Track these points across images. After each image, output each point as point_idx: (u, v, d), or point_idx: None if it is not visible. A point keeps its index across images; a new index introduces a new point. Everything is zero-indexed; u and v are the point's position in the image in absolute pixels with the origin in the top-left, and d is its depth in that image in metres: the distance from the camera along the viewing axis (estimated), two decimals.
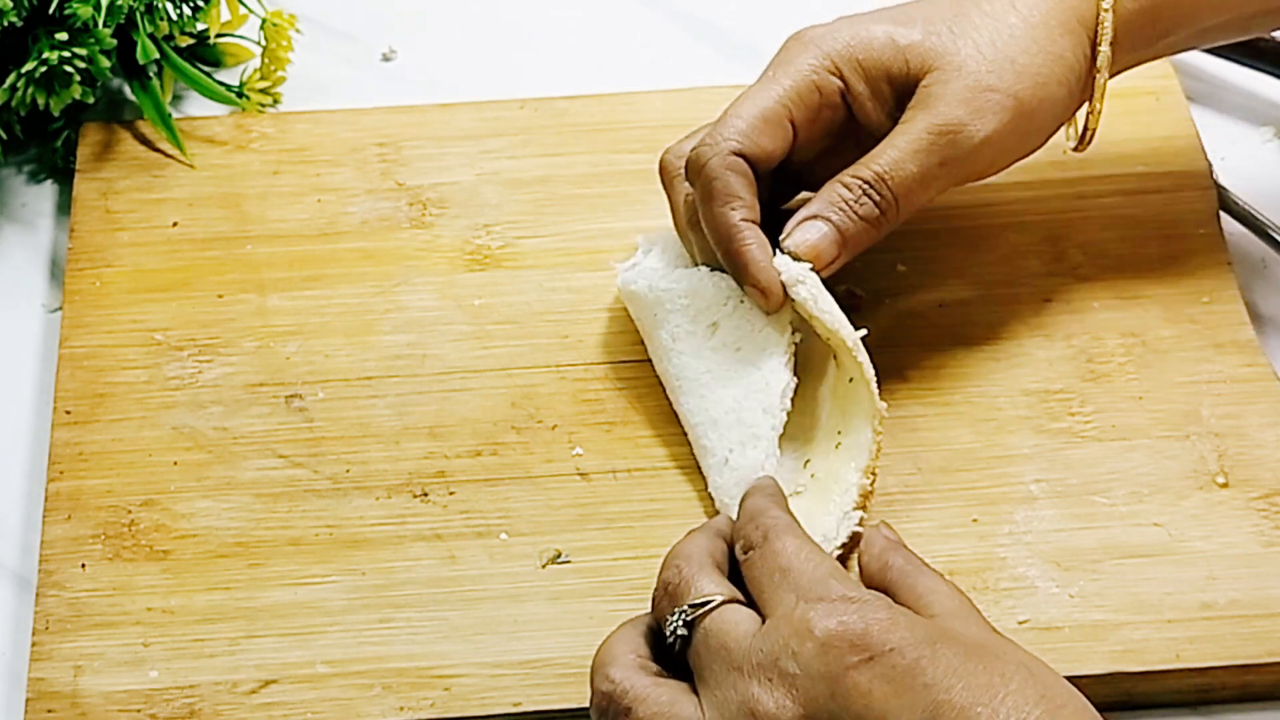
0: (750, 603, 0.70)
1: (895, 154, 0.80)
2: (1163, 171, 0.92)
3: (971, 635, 0.68)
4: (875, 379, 0.78)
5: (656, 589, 0.72)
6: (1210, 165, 0.92)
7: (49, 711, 0.76)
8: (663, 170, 0.84)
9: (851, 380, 0.79)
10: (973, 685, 0.65)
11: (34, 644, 0.77)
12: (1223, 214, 0.91)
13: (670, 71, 0.99)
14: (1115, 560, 0.79)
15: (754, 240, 0.80)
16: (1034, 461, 0.82)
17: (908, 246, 0.88)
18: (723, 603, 0.69)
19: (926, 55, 0.81)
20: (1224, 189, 0.92)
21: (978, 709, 0.64)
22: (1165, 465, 0.82)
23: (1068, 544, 0.80)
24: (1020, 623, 0.77)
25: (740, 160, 0.80)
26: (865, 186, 0.80)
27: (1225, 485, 0.81)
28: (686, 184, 0.82)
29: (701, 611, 0.69)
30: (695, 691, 0.68)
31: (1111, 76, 0.83)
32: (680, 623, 0.69)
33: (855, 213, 0.80)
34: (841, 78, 0.81)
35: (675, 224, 0.84)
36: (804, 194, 0.85)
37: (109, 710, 0.76)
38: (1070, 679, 0.75)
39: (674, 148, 0.84)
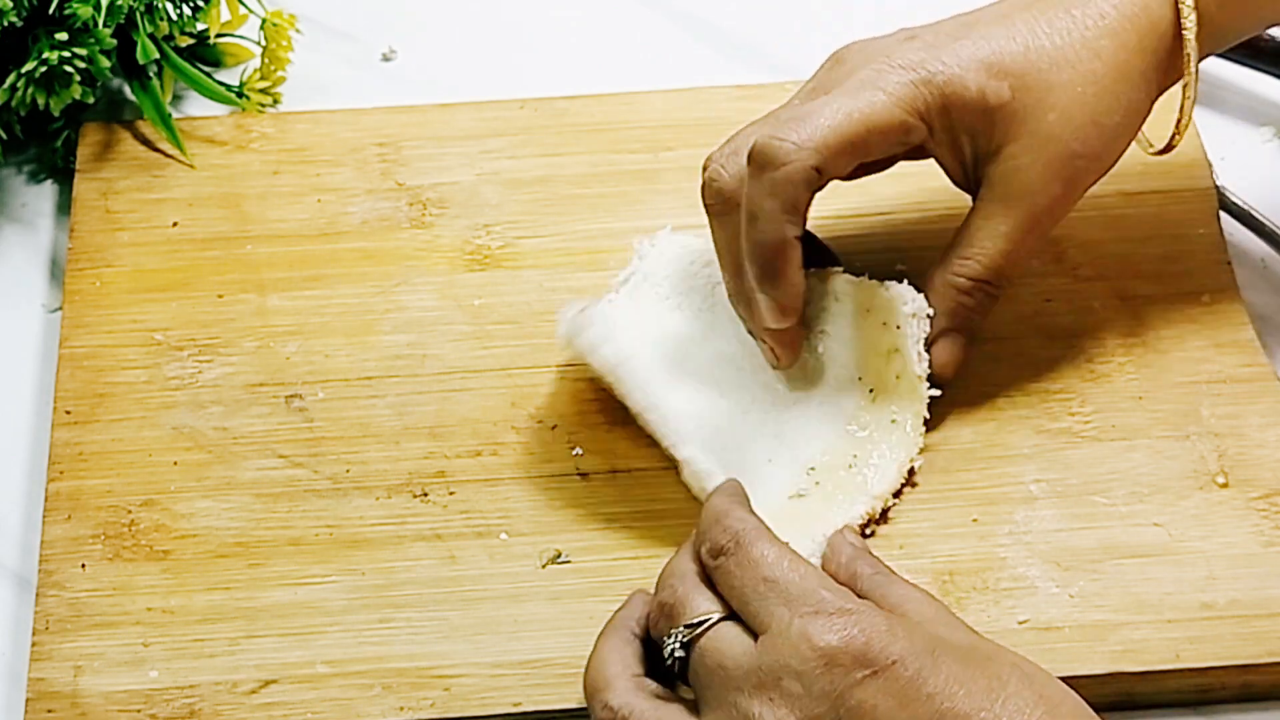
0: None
1: (1005, 244, 0.80)
2: (1163, 171, 0.92)
3: (961, 640, 0.68)
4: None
5: (653, 609, 0.71)
6: (1210, 165, 0.92)
7: (49, 711, 0.76)
8: (712, 193, 0.80)
9: (894, 421, 0.81)
10: (973, 691, 0.65)
11: (34, 644, 0.77)
12: (1223, 214, 0.91)
13: (670, 71, 0.99)
14: (1115, 560, 0.79)
15: (797, 261, 0.78)
16: (1034, 461, 0.82)
17: (908, 246, 0.88)
18: (718, 620, 0.69)
19: (1011, 122, 0.79)
20: (1224, 189, 0.92)
21: (980, 714, 0.64)
22: (1165, 465, 0.82)
23: (1068, 544, 0.80)
24: (1020, 623, 0.77)
25: (818, 176, 0.77)
26: (985, 288, 0.81)
27: (1225, 485, 0.81)
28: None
29: (697, 632, 0.69)
30: (697, 711, 0.68)
31: None
32: (677, 644, 0.69)
33: (979, 312, 0.82)
34: (929, 125, 0.79)
35: (722, 263, 0.81)
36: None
37: (109, 710, 0.76)
38: (1070, 679, 0.75)
39: (724, 164, 0.80)
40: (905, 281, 0.82)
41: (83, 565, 0.80)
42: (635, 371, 0.81)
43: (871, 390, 0.82)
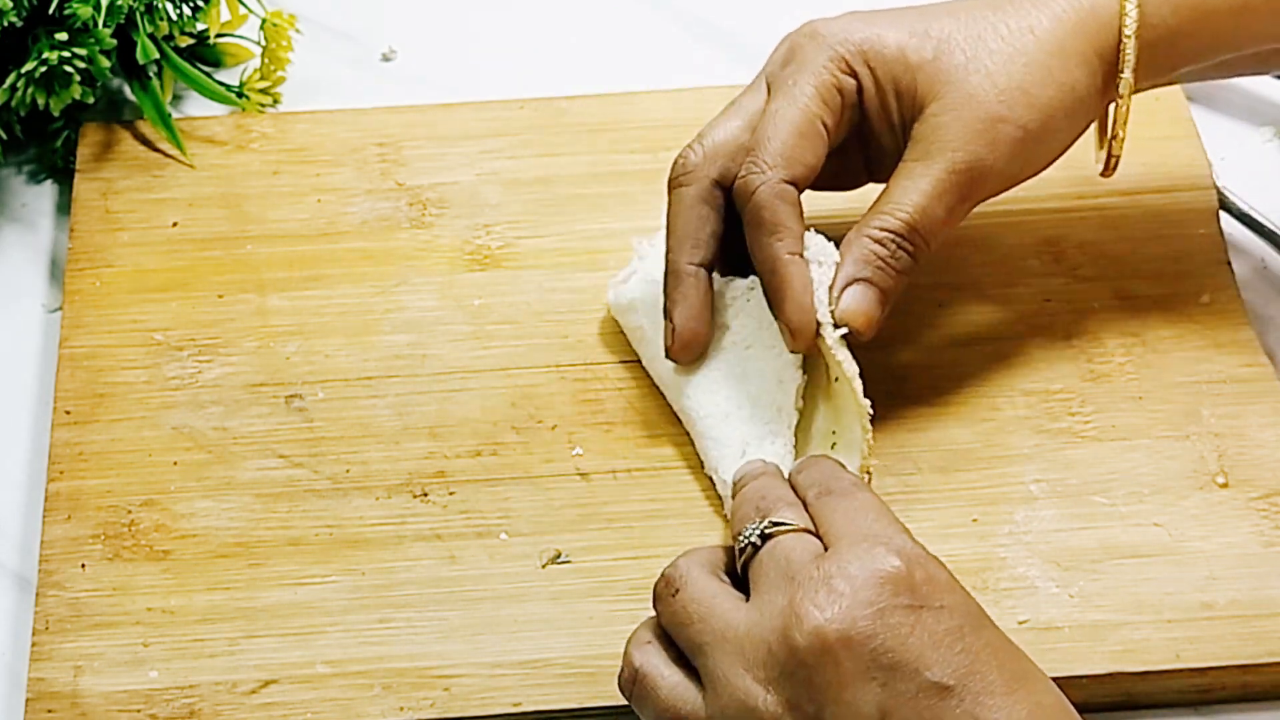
0: None
1: (920, 199, 0.79)
2: (1163, 171, 0.92)
3: (1003, 636, 0.69)
4: (859, 377, 0.78)
5: (743, 505, 0.73)
6: (1210, 165, 0.92)
7: (49, 711, 0.76)
8: (677, 167, 0.82)
9: (836, 379, 0.79)
10: (1005, 669, 0.66)
11: (34, 644, 0.77)
12: (1223, 214, 0.91)
13: (670, 71, 0.99)
14: (1115, 560, 0.79)
15: (799, 278, 0.79)
16: (1034, 461, 0.82)
17: None
18: (801, 529, 0.71)
19: (934, 80, 0.79)
20: (1224, 189, 0.92)
21: (1003, 689, 0.66)
22: (1165, 465, 0.82)
23: (1068, 544, 0.80)
24: (1020, 623, 0.77)
25: (791, 189, 0.79)
26: (898, 240, 0.79)
27: (1225, 485, 0.81)
28: (687, 191, 0.81)
29: (779, 529, 0.71)
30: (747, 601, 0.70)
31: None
32: (757, 533, 0.71)
33: (894, 268, 0.79)
34: (856, 78, 0.80)
35: (670, 228, 0.82)
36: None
37: (109, 710, 0.76)
38: (1070, 679, 0.75)
39: (693, 147, 0.82)
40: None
41: (83, 565, 0.80)
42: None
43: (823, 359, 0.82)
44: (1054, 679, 0.75)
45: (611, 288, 0.86)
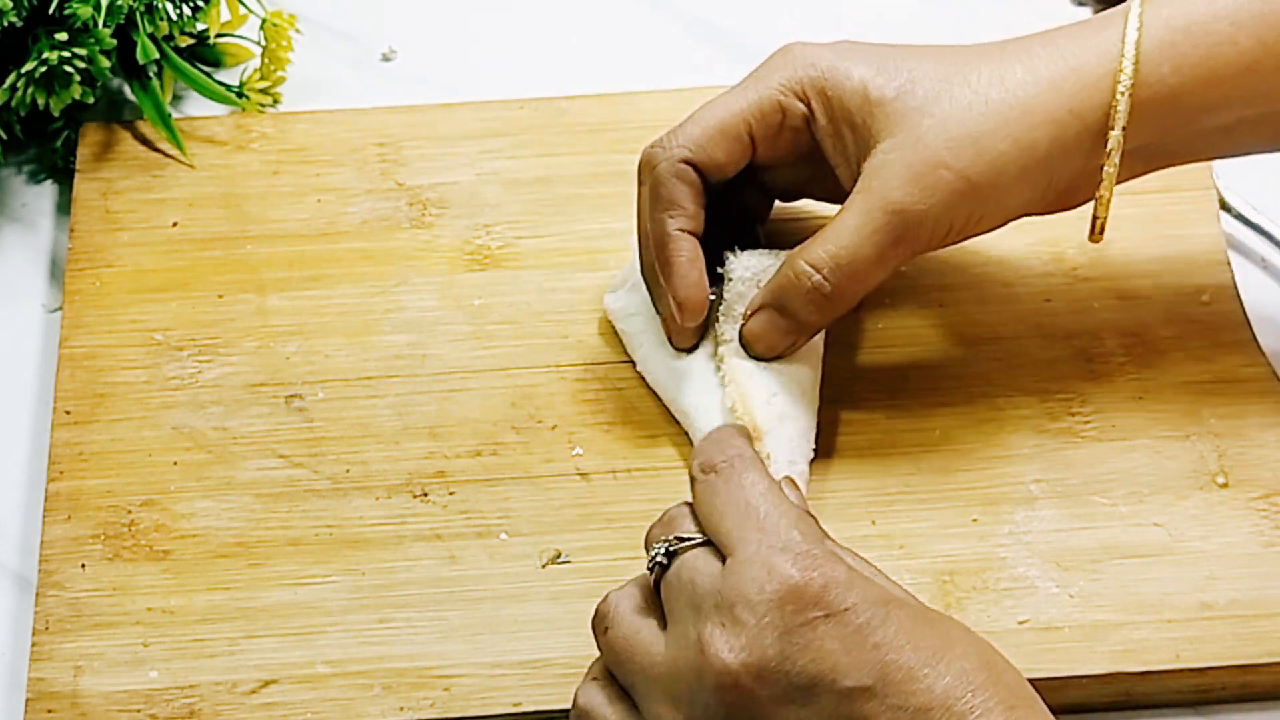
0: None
1: (848, 237, 0.78)
2: (1163, 171, 0.91)
3: (913, 603, 0.69)
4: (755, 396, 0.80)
5: (663, 516, 0.73)
6: (1210, 165, 0.92)
7: (49, 711, 0.76)
8: (641, 162, 0.83)
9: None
10: (920, 647, 0.65)
11: (34, 644, 0.77)
12: (1223, 214, 0.91)
13: (670, 71, 0.99)
14: (1115, 560, 0.79)
15: (686, 253, 0.80)
16: (1034, 461, 0.82)
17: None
18: (702, 543, 0.70)
19: (890, 119, 0.78)
20: (1224, 189, 0.92)
21: (924, 670, 0.65)
22: (1165, 465, 0.82)
23: (1068, 544, 0.80)
24: (1020, 623, 0.77)
25: (689, 169, 0.80)
26: (816, 277, 0.78)
27: (1225, 485, 0.81)
28: (662, 167, 0.81)
29: (682, 545, 0.70)
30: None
31: (1119, 182, 0.79)
32: (662, 552, 0.71)
33: (810, 303, 0.79)
34: (808, 105, 0.80)
35: (651, 202, 0.82)
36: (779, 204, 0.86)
37: (109, 710, 0.76)
38: (1070, 679, 0.75)
39: (661, 140, 0.83)
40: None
41: (83, 565, 0.80)
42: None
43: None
44: (1054, 679, 0.75)
45: (607, 292, 0.86)
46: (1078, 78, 0.77)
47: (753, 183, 0.84)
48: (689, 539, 0.70)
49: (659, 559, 0.71)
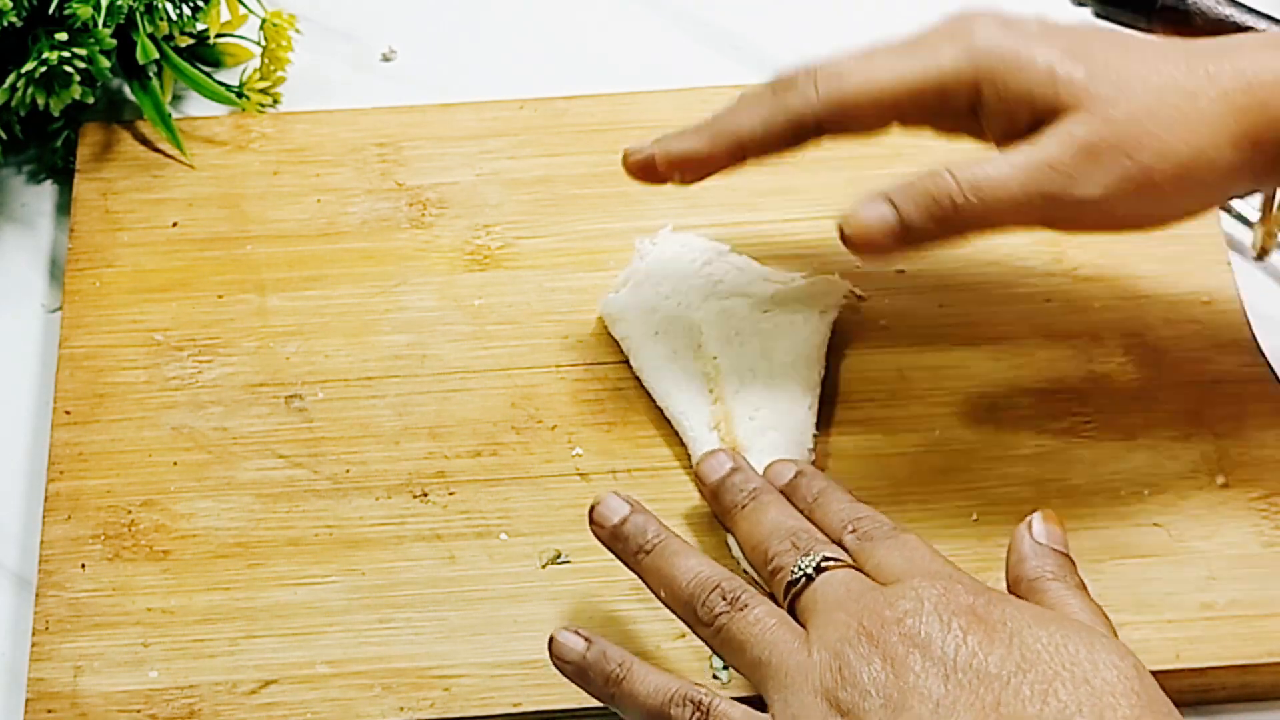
0: None
1: (1005, 168, 0.74)
2: None
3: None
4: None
5: (771, 539, 0.73)
6: None
7: (49, 711, 0.76)
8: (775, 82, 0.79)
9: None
10: (1074, 686, 0.65)
11: (34, 644, 0.77)
12: (1223, 214, 0.91)
13: (670, 71, 0.99)
14: (1115, 560, 0.79)
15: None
16: (1034, 462, 0.82)
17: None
18: (850, 565, 0.71)
19: (1081, 94, 0.75)
20: None
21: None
22: (1165, 465, 0.82)
23: (1068, 544, 0.79)
24: None
25: (813, 132, 0.77)
26: (959, 188, 0.74)
27: (1225, 485, 0.81)
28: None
29: (833, 564, 0.70)
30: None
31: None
32: (813, 564, 0.70)
33: (934, 211, 0.74)
34: (978, 92, 0.76)
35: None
36: None
37: (109, 710, 0.76)
38: None
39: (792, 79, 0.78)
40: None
41: (83, 565, 0.80)
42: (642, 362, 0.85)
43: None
44: None
45: (602, 299, 0.86)
46: (1253, 98, 0.75)
47: None
48: (837, 559, 0.71)
49: (807, 571, 0.71)
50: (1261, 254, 0.81)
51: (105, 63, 0.91)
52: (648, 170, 0.80)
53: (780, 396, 0.82)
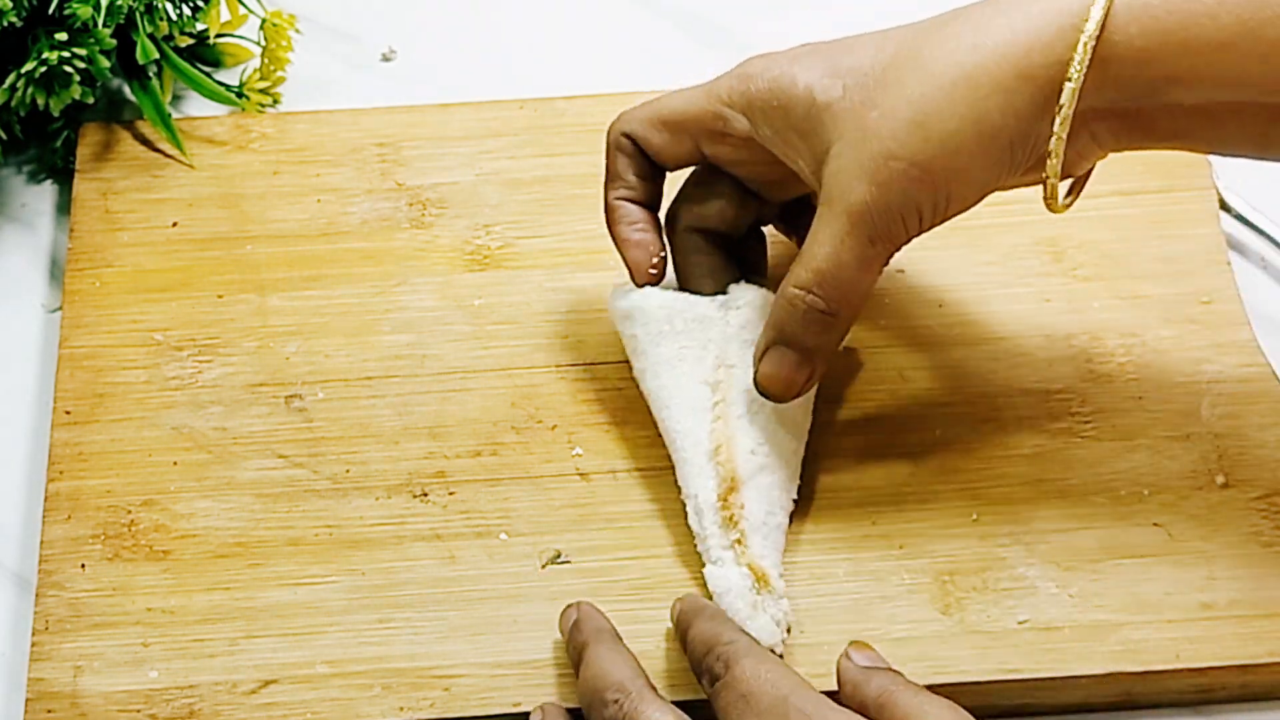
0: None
1: (826, 249, 0.75)
2: (1163, 171, 0.92)
3: None
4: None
5: (773, 710, 0.71)
6: (1210, 165, 0.92)
7: (49, 711, 0.76)
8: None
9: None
10: None
11: (34, 644, 0.77)
12: (1223, 214, 0.91)
13: (670, 72, 0.99)
14: (1115, 560, 0.79)
15: (626, 218, 0.82)
16: (1034, 461, 0.82)
17: (908, 247, 0.88)
18: None
19: (838, 119, 0.75)
20: (1224, 189, 0.92)
21: None
22: (1165, 465, 0.82)
23: (1068, 544, 0.80)
24: (1020, 623, 0.77)
25: (627, 142, 0.82)
26: (809, 296, 0.76)
27: (1225, 485, 0.81)
28: (608, 137, 0.84)
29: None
30: None
31: (1101, 155, 0.76)
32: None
33: (810, 327, 0.77)
34: (750, 118, 0.78)
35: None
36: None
37: (109, 710, 0.76)
38: (1070, 679, 0.75)
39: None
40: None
41: (83, 565, 0.80)
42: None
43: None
44: (1054, 679, 0.75)
45: (613, 294, 0.85)
46: (1029, 40, 0.73)
47: (755, 234, 0.85)
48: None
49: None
50: (1053, 195, 0.76)
51: (105, 63, 0.91)
52: None
53: (783, 434, 0.80)
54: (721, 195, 0.83)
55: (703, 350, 0.81)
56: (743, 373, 0.80)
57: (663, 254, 0.83)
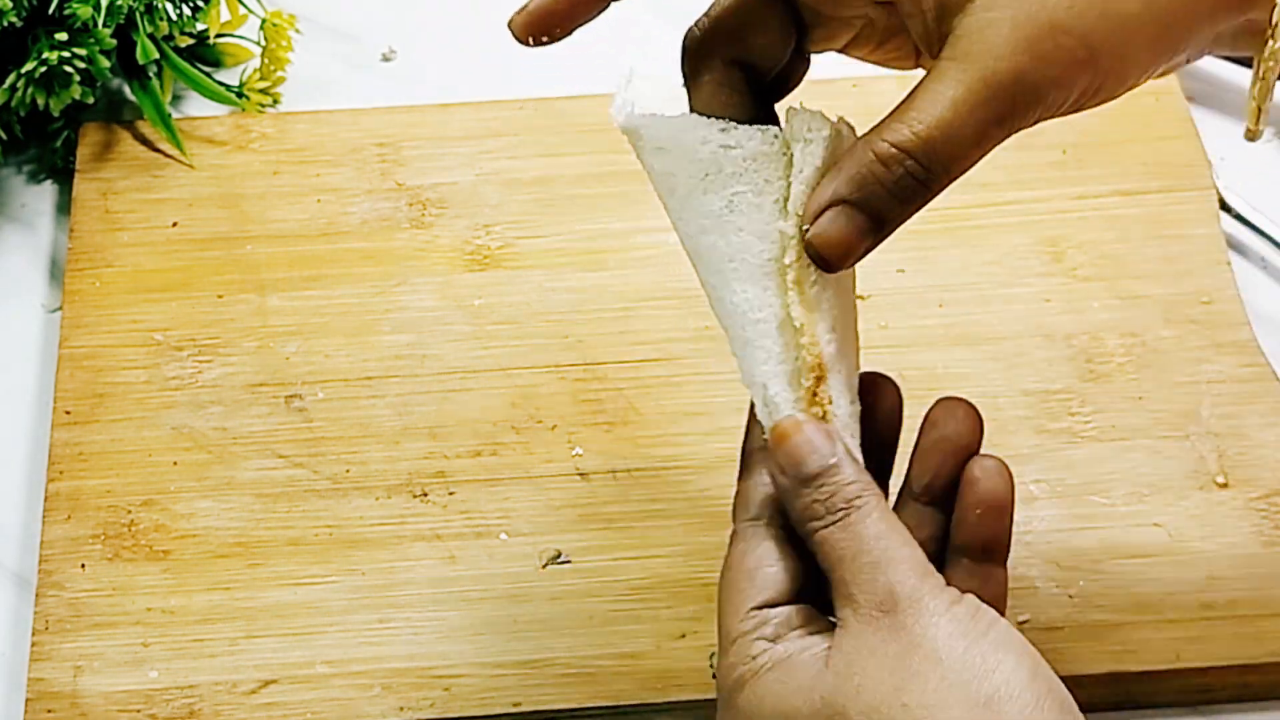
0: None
1: (945, 111, 0.62)
2: (1163, 171, 0.92)
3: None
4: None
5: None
6: (1210, 165, 0.92)
7: (49, 711, 0.76)
8: None
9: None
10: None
11: (34, 644, 0.77)
12: (1223, 214, 0.91)
13: (669, 72, 0.99)
14: (1115, 560, 0.79)
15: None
16: (1034, 461, 0.82)
17: (908, 247, 0.88)
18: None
19: None
20: (1224, 189, 0.92)
21: None
22: (1165, 465, 0.82)
23: (1068, 544, 0.80)
24: (1020, 623, 0.77)
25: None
26: (908, 161, 0.63)
27: (1225, 485, 0.81)
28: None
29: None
30: None
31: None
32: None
33: (896, 195, 0.64)
34: None
35: None
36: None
37: (109, 710, 0.76)
38: (1070, 679, 0.75)
39: None
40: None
41: (82, 565, 0.80)
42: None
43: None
44: None
45: (628, 115, 0.69)
46: None
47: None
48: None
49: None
50: (1250, 136, 0.70)
51: (105, 63, 0.91)
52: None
53: (849, 310, 0.67)
54: (768, 19, 0.68)
55: (760, 197, 0.66)
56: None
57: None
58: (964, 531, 0.66)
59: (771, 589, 0.65)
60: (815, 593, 0.65)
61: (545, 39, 0.71)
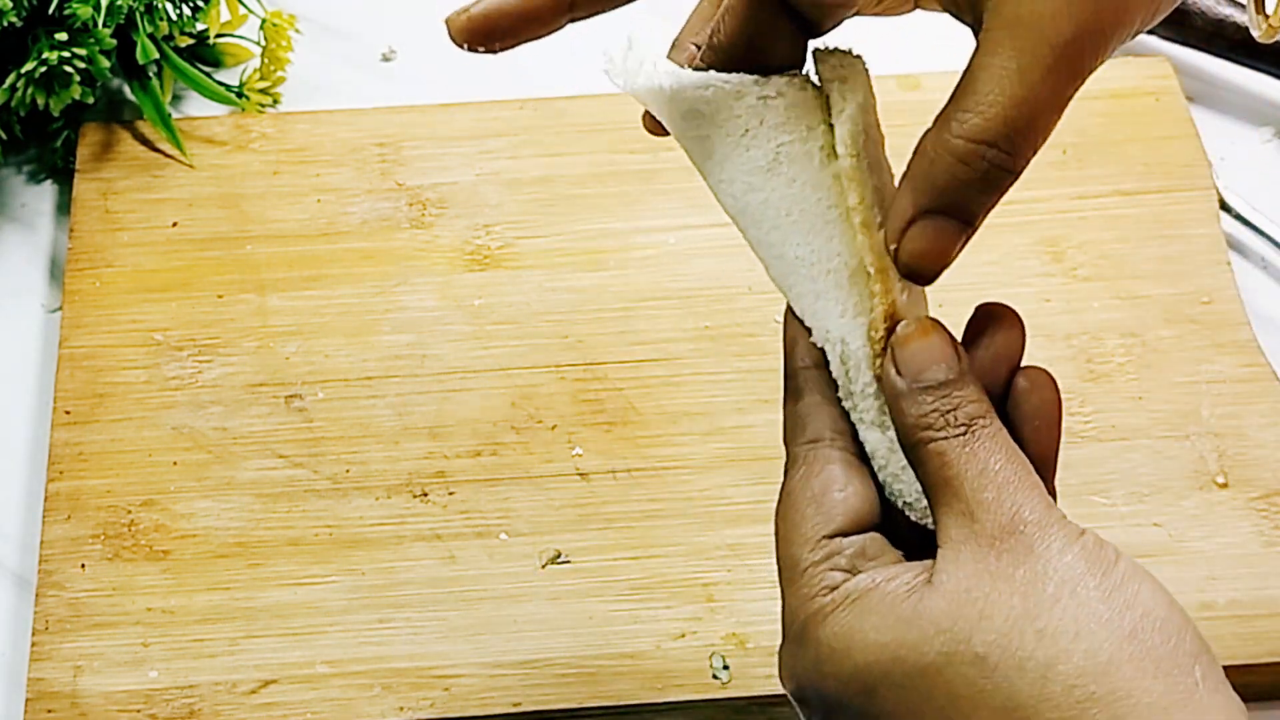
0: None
1: (1016, 89, 0.57)
2: (1163, 171, 0.92)
3: None
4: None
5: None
6: (1210, 165, 0.92)
7: (49, 711, 0.76)
8: None
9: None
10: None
11: (34, 644, 0.77)
12: (1223, 214, 0.91)
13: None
14: None
15: None
16: None
17: None
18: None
19: None
20: (1224, 189, 0.92)
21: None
22: (1165, 465, 0.82)
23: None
24: None
25: None
26: (992, 152, 0.58)
27: (1225, 485, 0.81)
28: None
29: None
30: None
31: None
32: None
33: (983, 189, 0.59)
34: None
35: None
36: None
37: (109, 710, 0.76)
38: None
39: None
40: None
41: (82, 565, 0.80)
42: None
43: None
44: None
45: (644, 82, 0.66)
46: None
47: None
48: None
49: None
50: (1269, 34, 0.67)
51: (105, 63, 0.91)
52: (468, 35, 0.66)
53: (920, 294, 0.64)
54: (779, 29, 0.63)
55: (806, 144, 0.62)
56: (868, 171, 0.61)
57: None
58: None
59: (842, 517, 0.60)
60: (884, 520, 0.61)
61: (482, 49, 0.66)
